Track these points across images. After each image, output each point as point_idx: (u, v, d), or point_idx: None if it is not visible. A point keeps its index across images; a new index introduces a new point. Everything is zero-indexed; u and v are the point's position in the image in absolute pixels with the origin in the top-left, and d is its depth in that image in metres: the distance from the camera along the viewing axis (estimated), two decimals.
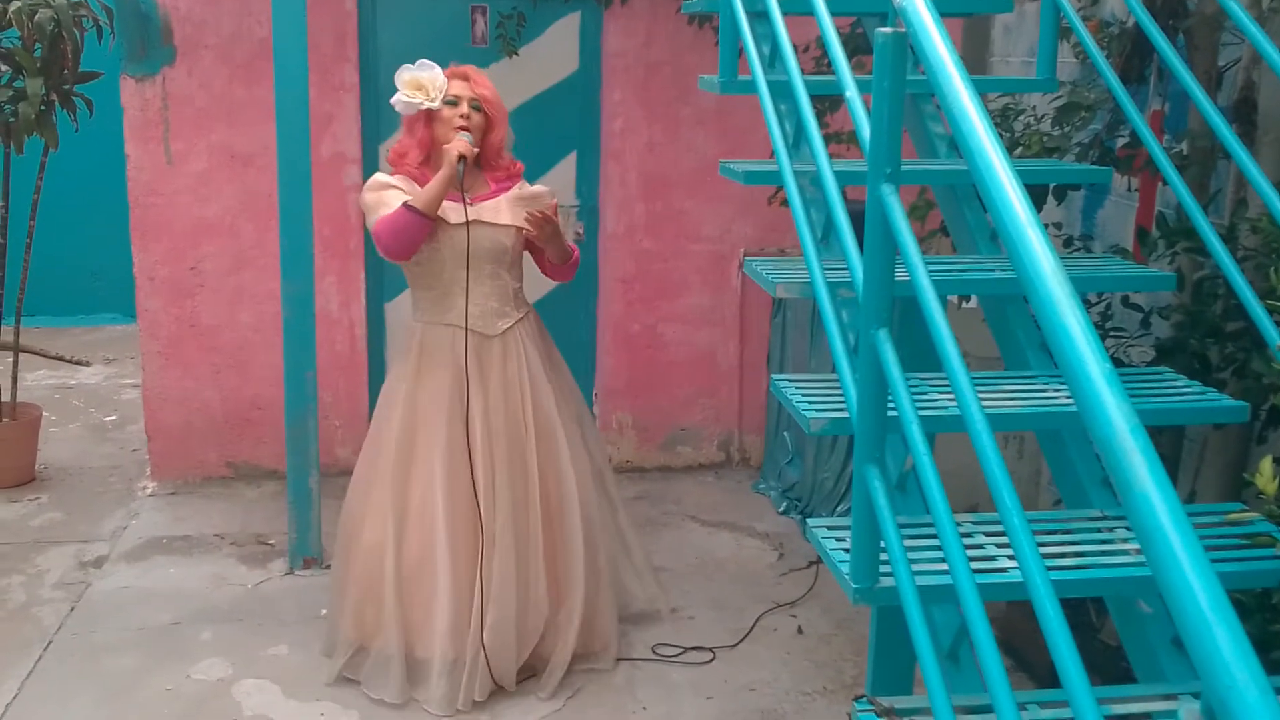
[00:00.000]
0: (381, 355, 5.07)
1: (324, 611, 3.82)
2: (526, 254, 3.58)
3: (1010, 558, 2.03)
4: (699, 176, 5.02)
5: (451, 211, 3.32)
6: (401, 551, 3.37)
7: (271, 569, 4.20)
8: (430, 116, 3.37)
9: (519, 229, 3.42)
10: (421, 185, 3.32)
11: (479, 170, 3.46)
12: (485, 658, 3.33)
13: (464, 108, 3.35)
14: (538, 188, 3.56)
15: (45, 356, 6.54)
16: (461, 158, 3.25)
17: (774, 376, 2.49)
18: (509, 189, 3.46)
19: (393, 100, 3.36)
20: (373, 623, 3.42)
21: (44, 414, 5.19)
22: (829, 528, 2.18)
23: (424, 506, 3.35)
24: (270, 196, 4.39)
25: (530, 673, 3.49)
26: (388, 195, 3.32)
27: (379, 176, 3.42)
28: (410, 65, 3.36)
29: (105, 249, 6.88)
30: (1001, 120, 3.68)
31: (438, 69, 3.36)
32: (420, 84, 3.33)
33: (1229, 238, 2.91)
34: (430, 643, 3.35)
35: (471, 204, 3.36)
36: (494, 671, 3.36)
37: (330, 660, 3.52)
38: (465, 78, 3.40)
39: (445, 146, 3.30)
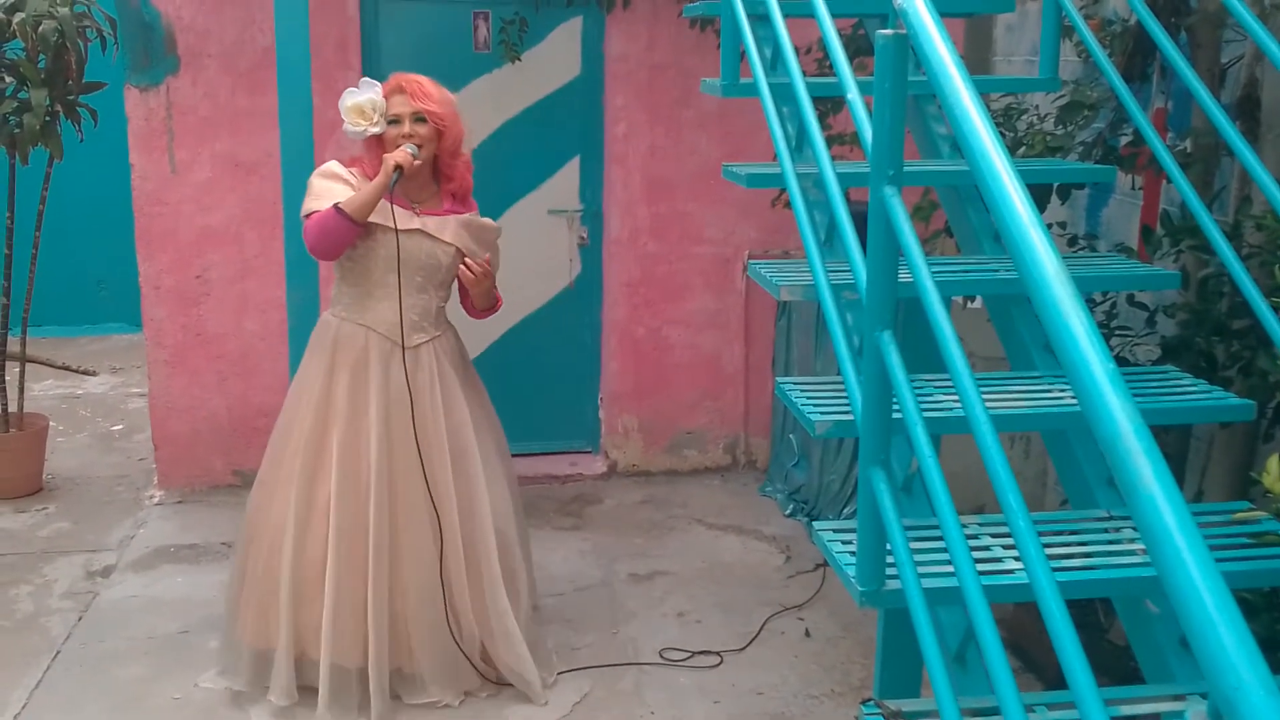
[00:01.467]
0: None
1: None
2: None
3: (1016, 559, 2.03)
4: (702, 179, 5.02)
5: (398, 217, 3.27)
6: (303, 551, 3.30)
7: None
8: (379, 138, 3.33)
9: (458, 250, 3.37)
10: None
11: (435, 183, 3.42)
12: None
13: (406, 126, 3.29)
14: (488, 220, 3.50)
15: (52, 366, 6.55)
16: (398, 168, 3.19)
17: (779, 380, 2.49)
18: (461, 213, 3.42)
19: (343, 129, 3.34)
20: (267, 625, 3.35)
21: (51, 424, 5.20)
22: (835, 531, 2.17)
23: (326, 506, 3.29)
24: (275, 204, 4.39)
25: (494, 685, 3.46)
26: (332, 188, 3.27)
27: (332, 165, 3.37)
28: (353, 89, 3.30)
29: (111, 258, 6.90)
30: (1004, 120, 3.68)
31: (377, 88, 3.30)
32: (361, 109, 3.27)
33: (1234, 235, 2.90)
34: (319, 647, 3.29)
35: (418, 215, 3.34)
36: (395, 684, 3.32)
37: (228, 667, 3.46)
38: (403, 91, 3.31)
39: (385, 156, 3.24)
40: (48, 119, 4.52)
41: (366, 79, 3.33)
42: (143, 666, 3.59)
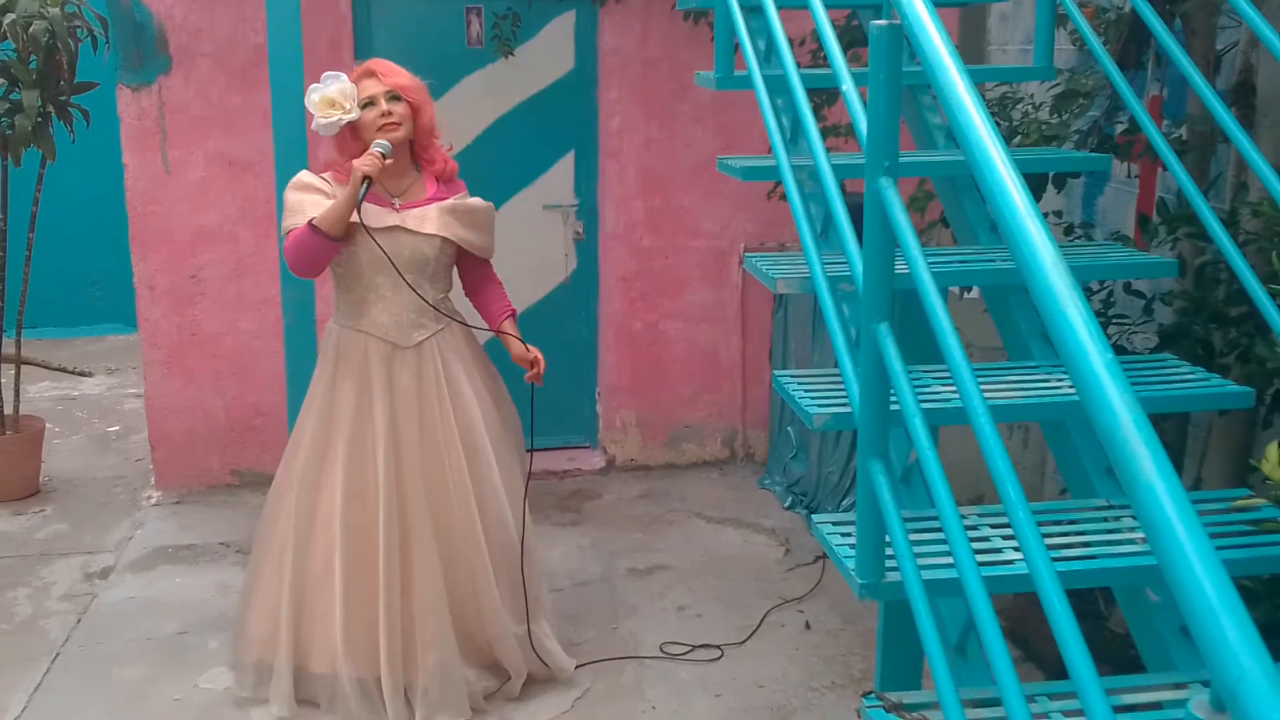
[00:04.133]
0: None
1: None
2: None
3: (1016, 549, 2.03)
4: (697, 172, 5.02)
5: (374, 217, 3.18)
6: (305, 562, 3.28)
7: None
8: (354, 127, 3.23)
9: (444, 239, 3.29)
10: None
11: (416, 169, 3.35)
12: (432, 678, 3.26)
13: (382, 105, 3.19)
14: (479, 201, 3.39)
15: (47, 368, 6.54)
16: (366, 178, 3.09)
17: (776, 373, 2.48)
18: (446, 197, 3.33)
19: (314, 126, 3.23)
20: (271, 633, 3.33)
21: (47, 426, 5.19)
22: (834, 523, 2.17)
23: (330, 516, 3.26)
24: (269, 203, 4.39)
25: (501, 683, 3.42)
26: (306, 201, 3.18)
27: (304, 175, 3.28)
28: (317, 84, 3.22)
29: (105, 259, 6.89)
30: (999, 109, 3.67)
31: (344, 77, 3.22)
32: (332, 100, 3.19)
33: (1230, 222, 2.90)
34: (325, 658, 3.26)
35: (399, 210, 3.26)
36: (395, 694, 3.25)
37: (234, 673, 3.45)
38: (371, 74, 3.23)
39: (354, 163, 3.13)
40: (40, 120, 4.51)
41: (329, 73, 3.24)
42: (142, 668, 3.59)
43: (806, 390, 2.36)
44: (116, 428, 5.79)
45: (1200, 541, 1.12)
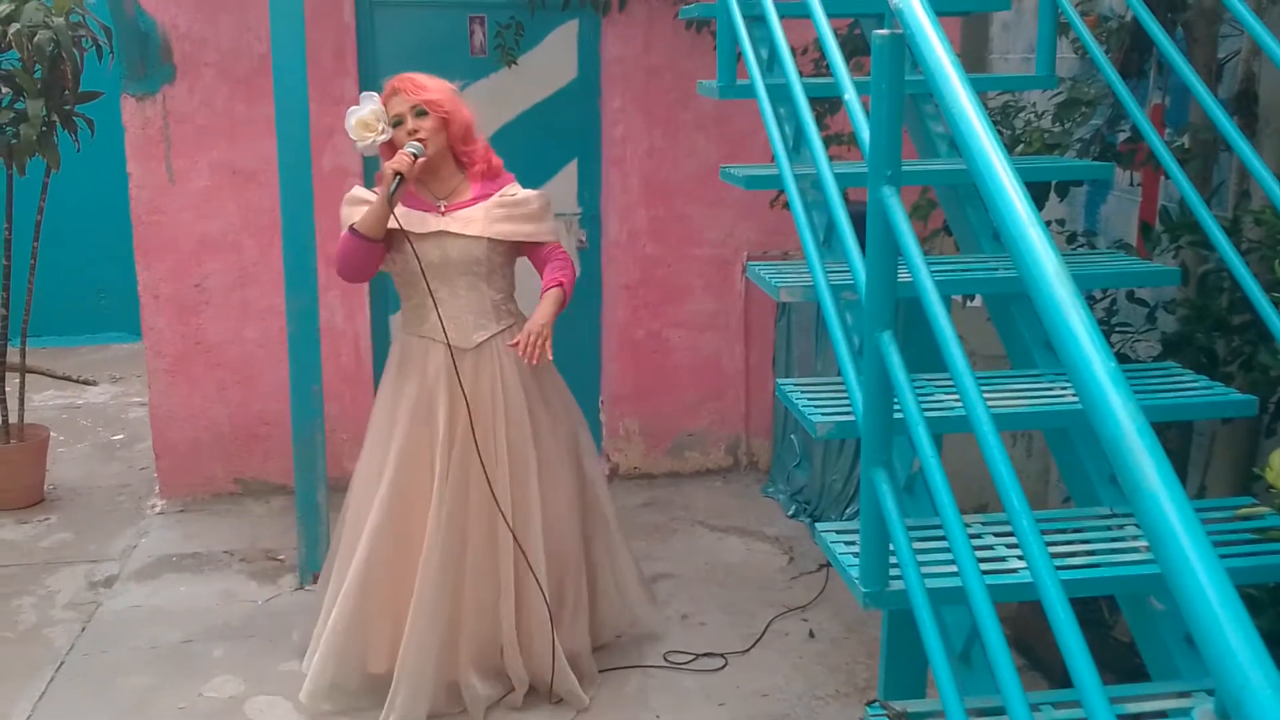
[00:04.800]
0: None
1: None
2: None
3: (1020, 558, 2.02)
4: (700, 181, 5.02)
5: (419, 222, 3.25)
6: (371, 564, 3.31)
7: (282, 585, 4.20)
8: (390, 145, 3.29)
9: (493, 240, 3.30)
10: (407, 200, 3.27)
11: (460, 171, 3.37)
12: (468, 677, 3.30)
13: (409, 123, 3.25)
14: (526, 192, 3.40)
15: (52, 377, 6.55)
16: (397, 174, 3.14)
17: (779, 381, 2.49)
18: (492, 194, 3.34)
19: (355, 148, 3.32)
20: (342, 634, 3.37)
21: (52, 434, 5.19)
22: (838, 532, 2.17)
23: (380, 520, 3.30)
24: (273, 212, 4.39)
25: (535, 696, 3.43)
26: (354, 214, 3.26)
27: (356, 191, 3.37)
28: (354, 108, 3.27)
29: (109, 268, 6.90)
30: (1002, 118, 3.68)
31: (375, 98, 3.27)
32: (366, 122, 3.25)
33: (1233, 231, 2.90)
34: (380, 659, 3.31)
35: (445, 213, 3.29)
36: (432, 695, 3.28)
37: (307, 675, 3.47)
38: (397, 91, 3.28)
39: (385, 163, 3.21)
40: (44, 129, 4.52)
41: (365, 93, 3.31)
42: (146, 676, 3.59)
43: (810, 399, 2.36)
44: (121, 436, 5.79)
45: (1204, 550, 1.12)
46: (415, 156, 3.19)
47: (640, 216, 5.06)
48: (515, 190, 3.39)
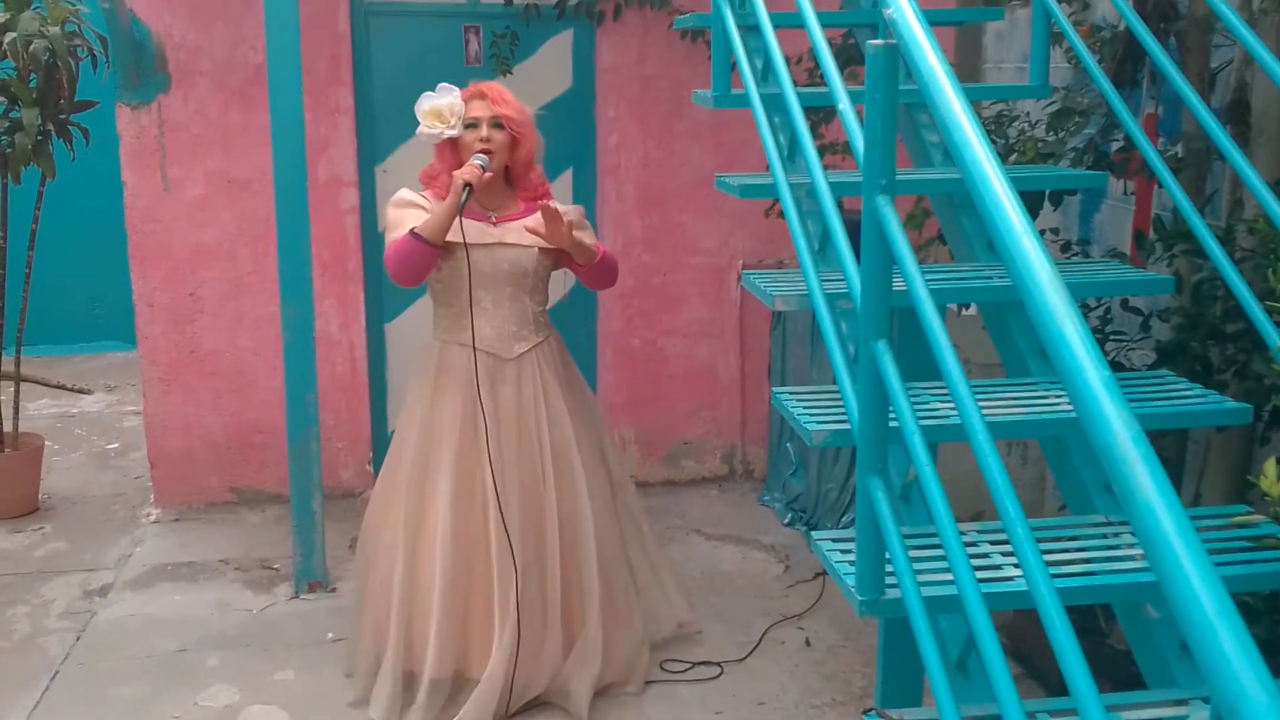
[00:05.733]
0: (382, 377, 5.06)
1: (329, 636, 3.82)
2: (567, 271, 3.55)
3: (1016, 566, 2.03)
4: (695, 190, 5.03)
5: (475, 232, 3.28)
6: (414, 570, 3.35)
7: (277, 593, 4.19)
8: (454, 142, 3.32)
9: (542, 251, 3.36)
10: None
11: (510, 189, 3.42)
12: (511, 682, 3.30)
13: (483, 130, 3.29)
14: (565, 206, 3.47)
15: (46, 385, 6.54)
16: (466, 185, 3.18)
17: (775, 389, 2.49)
18: (535, 210, 3.38)
19: (417, 131, 3.33)
20: (384, 641, 3.40)
21: (46, 443, 5.18)
22: (834, 540, 2.17)
23: (435, 526, 3.32)
24: (268, 221, 4.40)
25: (545, 703, 3.44)
26: (407, 215, 3.28)
27: (404, 193, 3.38)
28: (430, 93, 3.30)
29: (104, 277, 6.89)
30: (995, 127, 3.69)
31: (456, 92, 3.31)
32: (439, 112, 3.28)
33: (1226, 239, 2.91)
34: (437, 663, 3.32)
35: (496, 224, 3.34)
36: (499, 700, 3.30)
37: (350, 679, 3.51)
38: (483, 96, 3.32)
39: (455, 173, 3.24)
40: (39, 138, 4.52)
41: (444, 84, 3.32)
42: (141, 686, 3.58)
43: (805, 407, 2.36)
44: (115, 445, 5.78)
45: (1199, 558, 1.13)
46: (484, 170, 3.23)
47: (635, 225, 5.07)
48: (556, 204, 3.44)
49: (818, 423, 2.27)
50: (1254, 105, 3.18)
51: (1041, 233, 1.51)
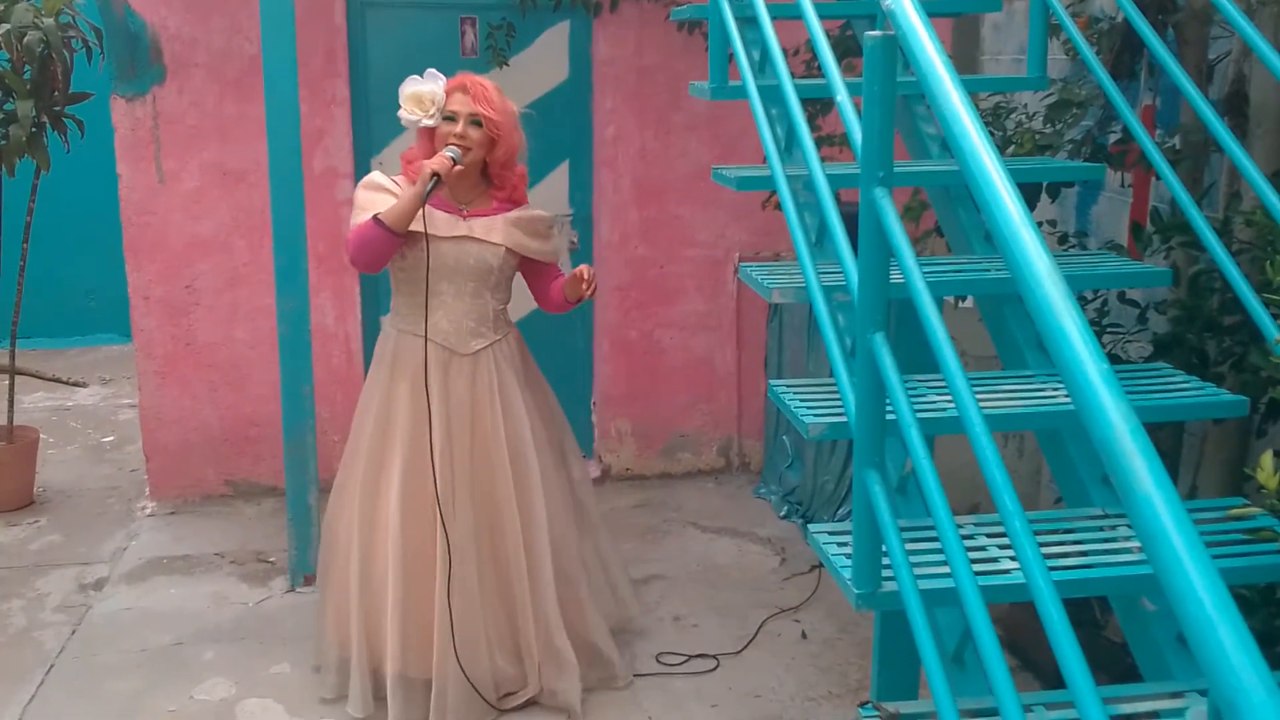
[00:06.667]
0: None
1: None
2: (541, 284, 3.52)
3: (1012, 559, 2.03)
4: (692, 182, 5.02)
5: (444, 224, 3.25)
6: (370, 563, 3.31)
7: (273, 587, 4.18)
8: (431, 131, 3.28)
9: (509, 250, 3.33)
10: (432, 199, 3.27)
11: (486, 184, 3.39)
12: (465, 679, 3.27)
13: (460, 125, 3.24)
14: (541, 212, 3.46)
15: (41, 378, 6.53)
16: (434, 175, 3.13)
17: (771, 382, 2.49)
18: (510, 209, 3.37)
19: (398, 114, 3.29)
20: (346, 634, 3.37)
21: (41, 436, 5.17)
22: (830, 533, 2.17)
23: (388, 519, 3.29)
24: (263, 213, 4.38)
25: (538, 704, 3.43)
26: (375, 200, 3.24)
27: (374, 176, 3.34)
28: (416, 77, 3.26)
29: (99, 269, 6.86)
30: (993, 119, 3.68)
31: (441, 82, 3.26)
32: (420, 99, 3.24)
33: (1224, 231, 2.90)
34: (394, 659, 3.28)
35: (467, 217, 3.31)
36: (462, 698, 3.26)
37: (319, 675, 3.50)
38: (465, 90, 3.26)
39: (424, 162, 3.20)
40: (34, 130, 4.50)
41: (432, 70, 3.28)
42: (137, 679, 3.57)
43: (802, 400, 2.36)
44: (111, 438, 5.77)
45: (1196, 550, 1.12)
46: (455, 162, 3.20)
47: (632, 217, 5.06)
48: (530, 209, 3.43)
49: (814, 415, 2.26)
50: (1252, 97, 3.18)
51: (1039, 225, 1.50)
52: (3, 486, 4.84)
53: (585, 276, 3.30)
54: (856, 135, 1.99)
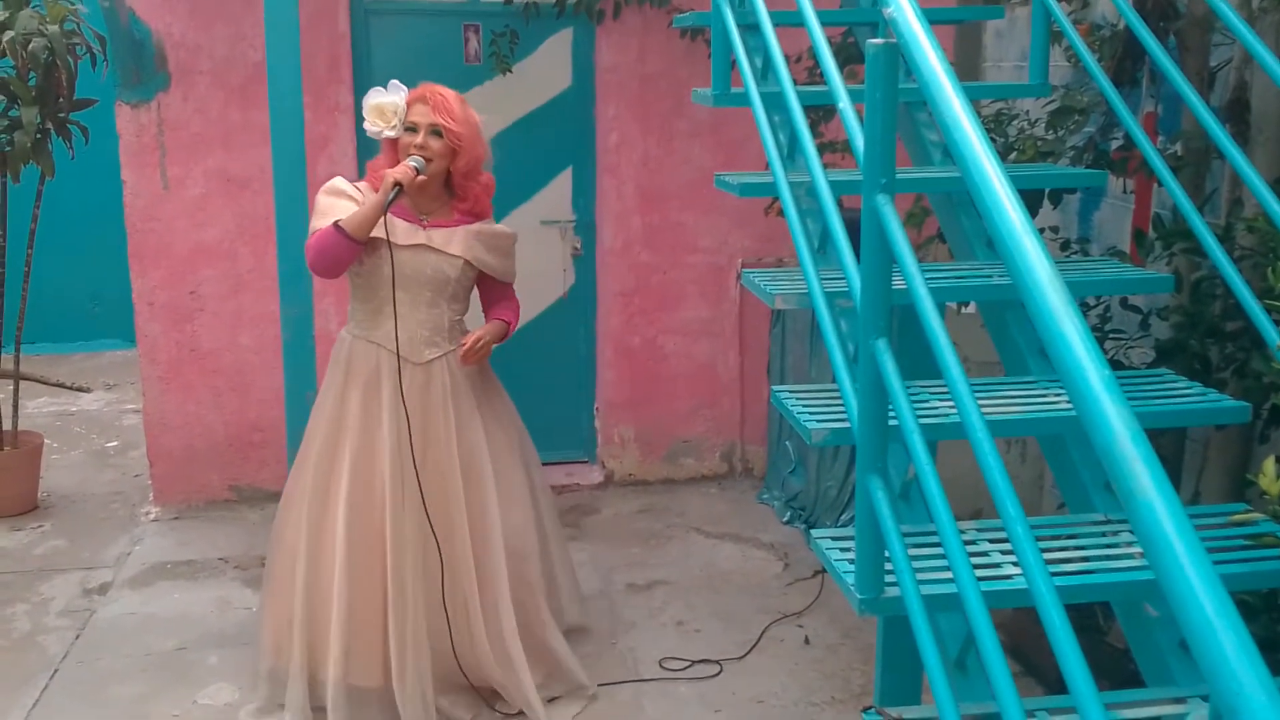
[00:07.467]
0: None
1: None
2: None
3: (1015, 564, 2.03)
4: (695, 189, 5.03)
5: (403, 232, 3.24)
6: (316, 571, 3.29)
7: None
8: (394, 141, 3.29)
9: (466, 262, 3.32)
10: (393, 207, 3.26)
11: (449, 195, 3.38)
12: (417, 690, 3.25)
13: (420, 136, 3.22)
14: (504, 228, 3.46)
15: (46, 384, 6.54)
16: (396, 184, 3.13)
17: (774, 388, 2.49)
18: (472, 222, 3.37)
19: (364, 125, 3.31)
20: (283, 642, 3.34)
21: (45, 441, 5.18)
22: (833, 538, 2.17)
23: (335, 526, 3.27)
24: (267, 219, 4.40)
25: (488, 706, 3.42)
26: (335, 205, 3.23)
27: (336, 182, 3.33)
28: (379, 89, 3.26)
29: (104, 275, 6.89)
30: (995, 126, 3.69)
31: (403, 93, 3.26)
32: (382, 110, 3.24)
33: (1225, 238, 2.91)
34: (334, 667, 3.24)
35: (427, 227, 3.30)
36: (403, 708, 3.24)
37: (260, 682, 3.43)
38: (425, 101, 3.25)
39: (386, 170, 3.21)
40: (39, 136, 4.52)
41: (395, 82, 3.28)
42: (140, 684, 3.58)
43: (805, 405, 2.36)
44: (115, 443, 5.78)
45: (1198, 556, 1.13)
46: (417, 172, 3.20)
47: (635, 224, 5.07)
48: (493, 224, 3.44)
49: (817, 421, 2.27)
50: (1253, 104, 3.19)
51: (1041, 231, 1.51)
52: (7, 491, 4.85)
53: (468, 344, 3.31)
54: (859, 142, 2.00)
